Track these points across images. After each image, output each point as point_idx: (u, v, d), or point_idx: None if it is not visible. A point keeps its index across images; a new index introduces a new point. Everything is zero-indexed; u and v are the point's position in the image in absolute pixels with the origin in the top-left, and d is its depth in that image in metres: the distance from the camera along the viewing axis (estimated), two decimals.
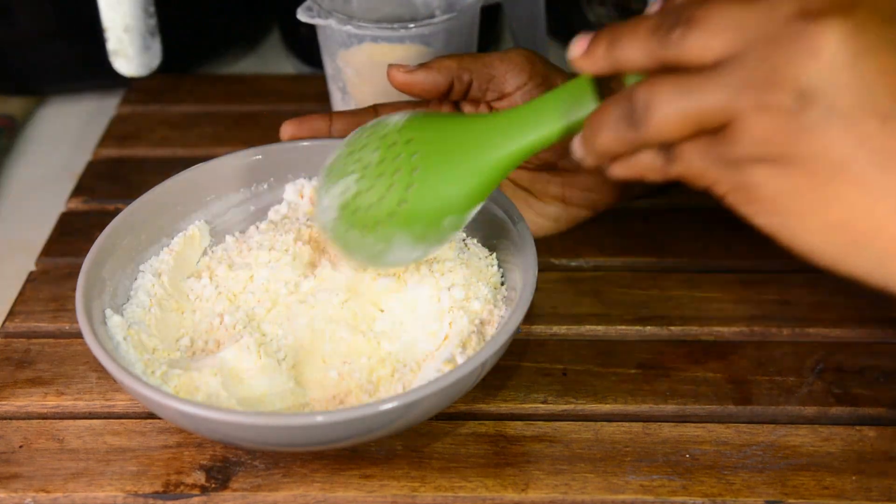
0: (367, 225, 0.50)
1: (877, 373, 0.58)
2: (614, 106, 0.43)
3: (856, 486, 0.52)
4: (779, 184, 0.41)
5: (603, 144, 0.43)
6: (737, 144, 0.41)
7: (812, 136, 0.39)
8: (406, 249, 0.50)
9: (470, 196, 0.48)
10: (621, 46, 0.43)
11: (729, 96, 0.40)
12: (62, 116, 0.86)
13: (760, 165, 0.41)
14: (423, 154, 0.48)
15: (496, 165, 0.48)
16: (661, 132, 0.41)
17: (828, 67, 0.39)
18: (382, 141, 0.50)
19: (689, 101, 0.41)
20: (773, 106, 0.39)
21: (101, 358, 0.50)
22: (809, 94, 0.39)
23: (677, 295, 0.63)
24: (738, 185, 0.42)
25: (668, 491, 0.52)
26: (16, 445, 0.55)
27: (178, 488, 0.52)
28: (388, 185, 0.49)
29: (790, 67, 0.39)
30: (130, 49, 0.76)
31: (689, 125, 0.41)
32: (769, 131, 0.40)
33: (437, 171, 0.48)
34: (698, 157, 0.42)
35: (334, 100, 0.74)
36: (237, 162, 0.62)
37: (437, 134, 0.49)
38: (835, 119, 0.39)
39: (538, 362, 0.59)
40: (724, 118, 0.41)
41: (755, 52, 0.39)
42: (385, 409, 0.47)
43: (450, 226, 0.50)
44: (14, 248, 0.71)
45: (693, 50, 0.41)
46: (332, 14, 0.68)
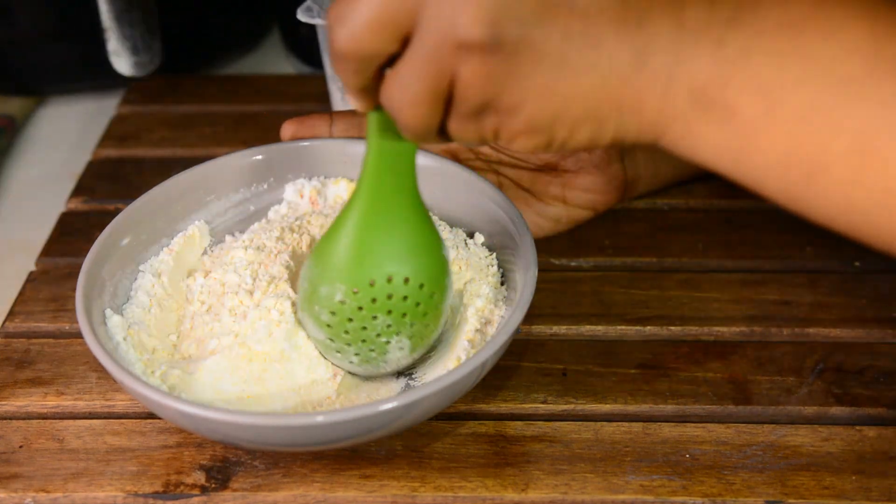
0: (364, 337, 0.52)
1: (877, 373, 0.58)
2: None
3: (856, 486, 0.52)
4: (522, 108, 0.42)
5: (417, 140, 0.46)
6: (469, 96, 0.42)
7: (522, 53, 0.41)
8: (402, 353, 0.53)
9: (439, 260, 0.51)
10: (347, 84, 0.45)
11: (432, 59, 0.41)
12: (62, 116, 0.86)
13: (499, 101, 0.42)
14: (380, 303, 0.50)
15: (419, 216, 0.51)
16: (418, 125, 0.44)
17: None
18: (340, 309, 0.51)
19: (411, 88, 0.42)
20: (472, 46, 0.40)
21: (101, 358, 0.50)
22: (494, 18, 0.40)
23: (677, 295, 0.63)
24: (497, 130, 0.44)
25: (668, 491, 0.52)
26: (16, 445, 0.55)
27: (178, 488, 0.52)
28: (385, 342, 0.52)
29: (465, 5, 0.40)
30: (131, 49, 0.76)
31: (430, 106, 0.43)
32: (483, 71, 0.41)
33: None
34: (456, 125, 0.44)
35: (334, 100, 0.74)
36: (237, 162, 0.62)
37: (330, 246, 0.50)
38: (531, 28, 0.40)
39: (538, 362, 0.59)
40: (446, 80, 0.42)
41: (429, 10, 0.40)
42: (385, 409, 0.47)
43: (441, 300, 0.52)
44: (14, 248, 0.71)
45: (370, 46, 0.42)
46: None
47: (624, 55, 0.41)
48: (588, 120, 0.43)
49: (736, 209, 0.70)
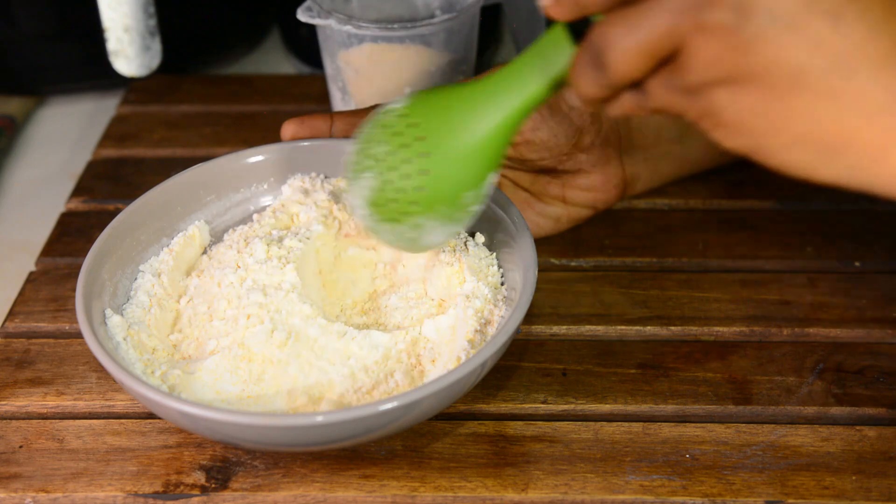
0: (395, 217, 0.50)
1: (877, 373, 0.58)
2: (582, 53, 0.42)
3: (855, 486, 0.52)
4: (739, 104, 0.39)
5: (586, 92, 0.43)
6: (690, 71, 0.40)
7: (759, 48, 0.38)
8: (438, 231, 0.51)
9: (480, 169, 0.49)
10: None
11: (670, 23, 0.39)
12: (62, 116, 0.86)
13: (718, 88, 0.40)
14: (427, 138, 0.48)
15: (496, 134, 0.48)
16: (624, 71, 0.41)
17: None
18: (387, 131, 0.50)
19: (635, 35, 0.40)
20: (713, 25, 0.38)
21: (101, 358, 0.50)
22: (746, 5, 0.37)
23: (677, 295, 0.63)
24: (703, 112, 0.41)
25: (668, 491, 0.52)
26: (16, 445, 0.55)
27: (178, 488, 0.52)
28: (403, 175, 0.49)
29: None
30: (130, 49, 0.76)
31: (644, 59, 0.40)
32: (715, 52, 0.39)
33: (445, 151, 0.48)
34: (662, 89, 0.41)
35: (334, 100, 0.74)
36: (237, 162, 0.62)
37: (437, 112, 0.49)
38: (780, 26, 0.37)
39: (538, 362, 0.59)
40: (672, 45, 0.39)
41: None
42: (385, 409, 0.47)
43: (471, 200, 0.50)
44: (14, 248, 0.71)
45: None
46: (332, 14, 0.68)
47: (877, 93, 0.38)
48: (809, 144, 0.39)
49: (736, 209, 0.70)
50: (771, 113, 0.39)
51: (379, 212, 0.51)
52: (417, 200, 0.49)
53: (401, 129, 0.49)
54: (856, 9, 0.37)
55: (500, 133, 0.48)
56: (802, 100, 0.38)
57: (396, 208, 0.50)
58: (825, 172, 0.40)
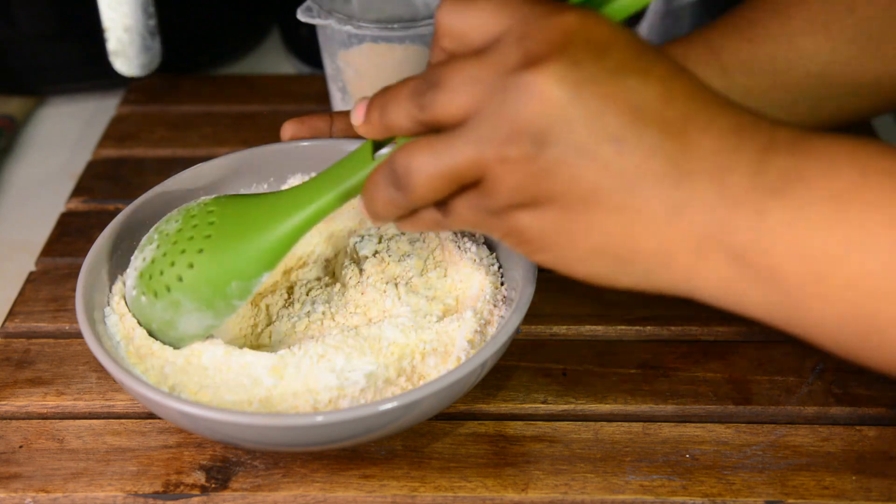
0: (159, 291, 0.51)
1: (877, 373, 0.58)
2: (381, 174, 0.45)
3: (856, 486, 0.52)
4: (540, 224, 0.43)
5: (380, 209, 0.46)
6: (493, 196, 0.43)
7: (556, 175, 0.41)
8: (193, 317, 0.51)
9: (254, 265, 0.50)
10: (389, 112, 0.44)
11: (474, 152, 0.42)
12: (62, 116, 0.86)
13: (520, 210, 0.43)
14: (217, 225, 0.51)
15: (278, 237, 0.49)
16: (425, 194, 0.43)
17: (553, 107, 0.40)
18: (185, 214, 0.52)
19: (440, 161, 0.42)
20: (514, 155, 0.41)
21: (101, 358, 0.50)
22: (543, 136, 0.41)
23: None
24: (507, 231, 0.44)
25: (668, 491, 0.52)
26: (16, 445, 0.55)
27: (178, 488, 0.52)
28: (181, 250, 0.51)
29: (520, 115, 0.41)
30: (130, 49, 0.76)
31: (447, 184, 0.43)
32: (517, 180, 0.42)
33: (227, 241, 0.50)
34: (467, 211, 0.44)
35: (334, 100, 0.74)
36: (237, 162, 0.62)
37: (234, 210, 0.51)
38: (572, 154, 0.41)
39: (538, 362, 0.59)
40: (477, 173, 0.42)
41: (490, 106, 0.41)
42: (385, 409, 0.47)
43: (236, 293, 0.50)
44: (14, 248, 0.71)
45: (442, 111, 0.42)
46: (332, 14, 0.68)
47: (657, 206, 0.41)
48: (604, 256, 0.43)
49: None
50: (568, 230, 0.43)
51: (144, 283, 0.52)
52: (183, 276, 0.50)
53: (198, 215, 0.52)
54: (634, 133, 0.41)
55: (279, 243, 0.50)
56: (595, 216, 0.42)
57: (162, 281, 0.51)
58: (624, 280, 0.44)
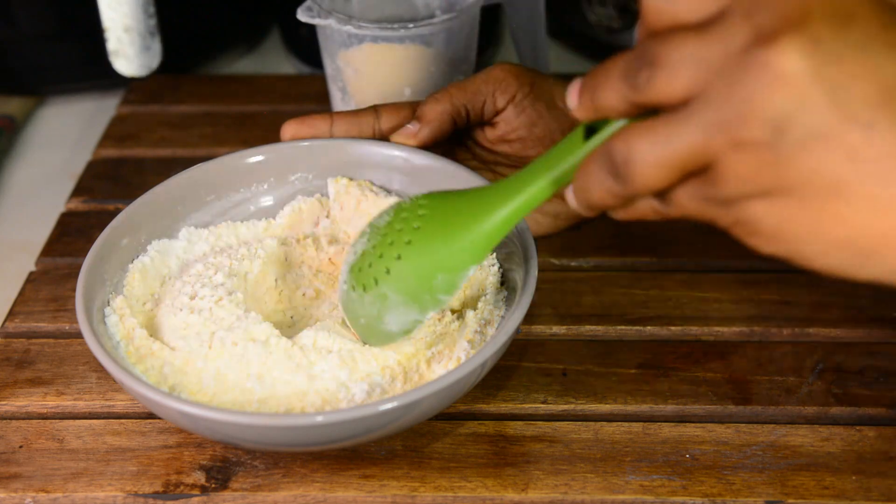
0: (367, 284, 0.51)
1: (877, 373, 0.58)
2: (596, 161, 0.41)
3: (856, 486, 0.52)
4: (776, 215, 0.40)
5: (594, 199, 0.42)
6: (723, 185, 0.39)
7: (796, 163, 0.38)
8: (400, 311, 0.50)
9: (462, 257, 0.49)
10: (600, 94, 0.41)
11: (702, 138, 0.39)
12: (62, 116, 0.87)
13: (753, 201, 0.40)
14: (426, 218, 0.50)
15: (487, 231, 0.48)
16: (647, 184, 0.40)
17: (794, 90, 0.37)
18: (396, 210, 0.51)
19: (664, 149, 0.39)
20: (749, 142, 0.38)
21: (101, 358, 0.50)
22: (782, 121, 0.37)
23: (677, 295, 0.63)
24: (738, 221, 0.41)
25: (668, 491, 0.52)
26: (16, 445, 0.55)
27: (178, 488, 0.52)
28: (389, 242, 0.50)
29: (756, 99, 0.37)
30: (130, 49, 0.76)
31: (671, 173, 0.40)
32: (751, 169, 0.38)
33: (435, 233, 0.49)
34: (691, 200, 0.41)
35: (334, 100, 0.74)
36: (237, 162, 0.62)
37: (444, 203, 0.50)
38: (815, 140, 0.37)
39: (538, 362, 0.59)
40: (704, 161, 0.39)
41: (718, 89, 0.38)
42: (385, 409, 0.47)
43: (442, 286, 0.49)
44: (14, 248, 0.71)
45: (661, 92, 0.39)
46: (332, 14, 0.68)
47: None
48: (847, 249, 0.40)
49: None
50: (808, 222, 0.39)
51: (354, 276, 0.51)
52: (391, 268, 0.50)
53: (408, 209, 0.51)
54: (887, 116, 0.37)
55: (490, 234, 0.48)
56: (839, 208, 0.38)
57: (370, 273, 0.51)
58: (865, 273, 0.41)
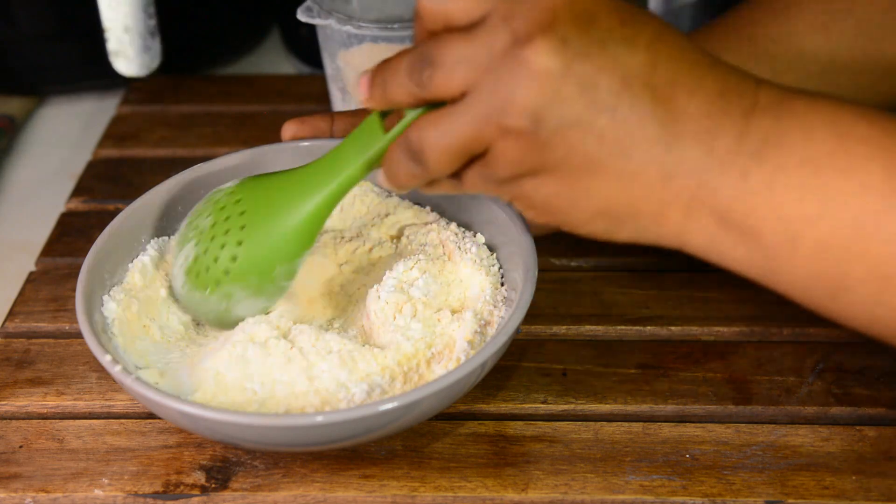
0: (209, 285, 0.53)
1: (877, 373, 0.58)
2: (399, 148, 0.47)
3: (856, 486, 0.52)
4: (544, 190, 0.46)
5: (402, 181, 0.48)
6: (498, 168, 0.45)
7: (554, 146, 0.44)
8: (246, 303, 0.53)
9: (293, 245, 0.52)
10: (389, 87, 0.46)
11: (477, 127, 0.44)
12: (62, 116, 0.86)
13: (524, 179, 0.46)
14: (248, 213, 0.52)
15: (312, 213, 0.51)
16: (440, 168, 0.46)
17: (546, 84, 0.43)
18: (214, 206, 0.53)
19: (449, 137, 0.45)
20: (513, 130, 0.44)
21: (101, 358, 0.50)
22: (538, 112, 0.43)
23: (677, 295, 0.63)
24: (515, 197, 0.47)
25: (668, 491, 0.52)
26: (16, 445, 0.55)
27: (178, 488, 0.52)
28: (220, 244, 0.52)
29: (516, 93, 0.43)
30: (130, 49, 0.76)
31: (457, 157, 0.46)
32: (517, 153, 0.44)
33: (262, 227, 0.52)
34: (477, 179, 0.47)
35: (334, 100, 0.74)
36: (237, 162, 0.62)
37: (260, 193, 0.53)
38: (569, 127, 0.43)
39: (538, 362, 0.59)
40: (481, 146, 0.45)
41: (487, 84, 0.44)
42: (385, 409, 0.47)
43: (283, 274, 0.52)
44: (14, 248, 0.71)
45: (441, 88, 0.45)
46: (332, 14, 0.68)
47: (651, 170, 0.44)
48: (604, 216, 0.46)
49: None
50: (571, 196, 0.46)
51: (193, 281, 0.53)
52: (230, 269, 0.52)
53: (227, 205, 0.53)
54: (628, 101, 0.43)
55: (313, 217, 0.51)
56: (595, 182, 0.45)
57: (209, 276, 0.52)
58: (622, 235, 0.47)
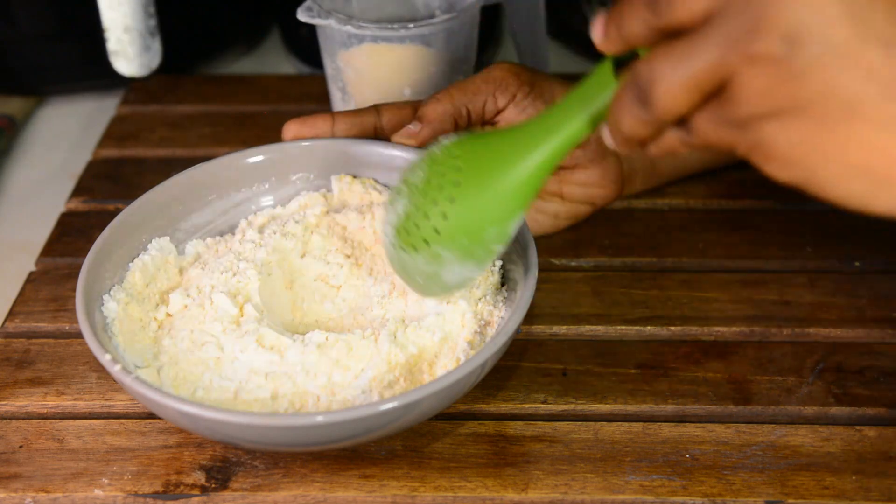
0: (417, 245, 0.50)
1: (877, 373, 0.58)
2: (626, 90, 0.41)
3: (856, 486, 0.52)
4: (791, 136, 0.39)
5: (627, 131, 0.42)
6: (739, 104, 0.39)
7: (811, 79, 0.37)
8: (455, 268, 0.50)
9: (508, 205, 0.48)
10: (626, 23, 0.41)
11: (718, 55, 0.38)
12: (62, 116, 0.86)
13: (768, 120, 0.39)
14: (464, 170, 0.48)
15: (530, 173, 0.47)
16: (670, 107, 0.40)
17: (810, 3, 0.36)
18: (429, 161, 0.50)
19: (683, 69, 0.39)
20: (762, 56, 0.37)
21: (101, 358, 0.50)
22: (797, 35, 0.37)
23: (677, 295, 0.63)
24: (754, 145, 0.40)
25: (668, 491, 0.52)
26: (16, 445, 0.55)
27: (178, 488, 0.52)
28: (433, 201, 0.49)
29: (771, 12, 0.37)
30: (130, 49, 0.76)
31: (691, 94, 0.39)
32: (766, 83, 0.38)
33: (477, 185, 0.48)
34: (710, 124, 0.40)
35: (334, 100, 0.74)
36: (237, 162, 0.62)
37: (478, 150, 0.49)
38: (832, 56, 0.37)
39: (538, 362, 0.59)
40: (721, 78, 0.39)
41: (735, 4, 0.37)
42: (385, 409, 0.47)
43: (494, 237, 0.49)
44: (14, 248, 0.71)
45: (681, 13, 0.39)
46: (332, 14, 0.68)
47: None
48: (864, 174, 0.39)
49: (736, 209, 0.70)
50: (824, 144, 0.38)
51: (402, 238, 0.51)
52: (440, 227, 0.49)
53: (442, 160, 0.49)
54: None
55: (533, 176, 0.47)
56: (856, 129, 0.38)
57: (419, 234, 0.50)
58: (883, 203, 0.39)
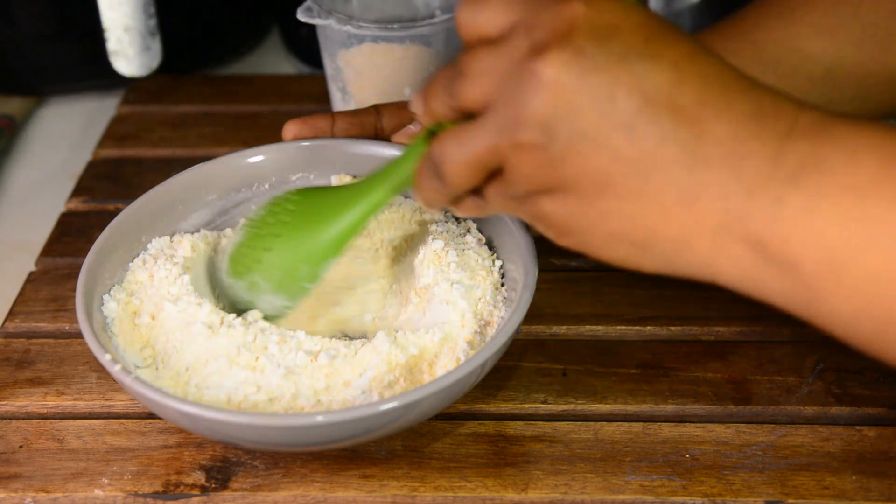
0: (242, 272, 0.55)
1: (877, 373, 0.58)
2: (424, 164, 0.47)
3: (856, 486, 0.52)
4: (561, 210, 0.43)
5: (429, 199, 0.48)
6: (513, 183, 0.44)
7: (567, 162, 0.42)
8: (269, 298, 0.54)
9: (321, 251, 0.53)
10: (430, 102, 0.46)
11: (491, 141, 0.43)
12: (62, 116, 0.86)
13: (542, 196, 0.44)
14: (294, 213, 0.54)
15: (342, 229, 0.53)
16: (458, 182, 0.45)
17: (558, 95, 0.41)
18: (271, 203, 0.55)
19: (465, 151, 0.44)
20: (526, 144, 0.42)
21: (101, 358, 0.50)
22: (551, 124, 0.41)
23: (677, 295, 0.63)
24: (534, 216, 0.45)
25: (668, 491, 0.52)
26: (16, 445, 0.55)
27: (178, 488, 0.52)
28: (261, 235, 0.54)
29: (528, 104, 0.41)
30: (130, 49, 0.76)
31: (475, 171, 0.44)
32: (531, 167, 0.42)
33: (301, 227, 0.54)
34: (498, 196, 0.45)
35: (334, 100, 0.74)
36: (237, 162, 0.62)
37: (311, 199, 0.55)
38: (582, 141, 0.41)
39: (538, 362, 0.59)
40: (497, 161, 0.43)
41: (503, 95, 0.42)
42: (385, 409, 0.47)
43: (305, 275, 0.53)
44: (14, 248, 0.71)
45: (467, 98, 0.43)
46: (332, 14, 0.68)
47: (670, 193, 0.41)
48: (623, 241, 0.43)
49: None
50: (588, 216, 0.43)
51: (231, 265, 0.55)
52: (262, 258, 0.54)
53: (280, 204, 0.55)
54: (646, 119, 0.41)
55: (343, 232, 0.53)
56: (610, 203, 0.42)
57: (243, 263, 0.55)
58: (647, 264, 0.44)
